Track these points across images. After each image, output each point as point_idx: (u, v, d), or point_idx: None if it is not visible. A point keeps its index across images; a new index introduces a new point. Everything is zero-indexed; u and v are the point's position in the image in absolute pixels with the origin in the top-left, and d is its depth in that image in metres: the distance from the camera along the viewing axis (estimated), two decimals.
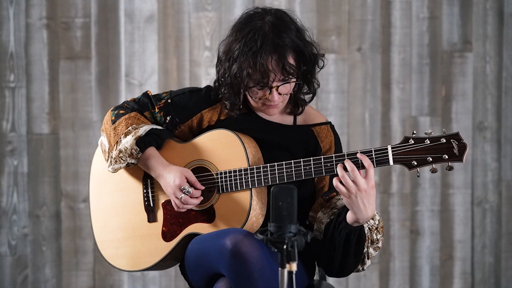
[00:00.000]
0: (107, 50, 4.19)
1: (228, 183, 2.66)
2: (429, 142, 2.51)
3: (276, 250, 2.11)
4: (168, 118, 2.77)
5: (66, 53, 4.18)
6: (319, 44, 2.71)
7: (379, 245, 2.65)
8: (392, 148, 2.53)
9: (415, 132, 2.54)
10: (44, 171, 4.19)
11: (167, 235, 2.73)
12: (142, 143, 2.70)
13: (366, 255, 2.65)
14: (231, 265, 2.49)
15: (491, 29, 4.24)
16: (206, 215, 2.69)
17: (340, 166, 2.52)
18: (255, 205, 2.63)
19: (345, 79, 4.23)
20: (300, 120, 2.78)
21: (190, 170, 2.69)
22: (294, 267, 2.10)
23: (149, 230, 2.76)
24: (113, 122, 2.75)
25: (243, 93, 2.66)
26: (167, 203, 2.74)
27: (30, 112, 4.18)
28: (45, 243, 4.21)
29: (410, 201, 4.27)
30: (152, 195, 2.76)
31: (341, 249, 2.61)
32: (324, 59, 2.72)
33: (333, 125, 2.79)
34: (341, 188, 2.52)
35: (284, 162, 2.61)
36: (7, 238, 4.21)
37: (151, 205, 2.77)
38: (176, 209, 2.68)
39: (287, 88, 2.65)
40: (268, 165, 2.62)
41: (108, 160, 2.75)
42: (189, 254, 2.69)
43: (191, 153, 2.73)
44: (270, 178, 2.62)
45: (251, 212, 2.62)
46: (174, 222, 2.72)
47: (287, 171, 2.61)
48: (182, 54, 4.20)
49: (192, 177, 2.67)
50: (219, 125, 2.75)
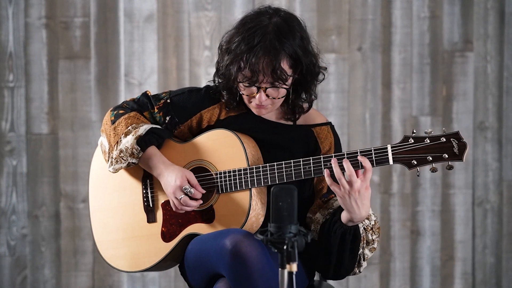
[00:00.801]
0: (107, 49, 4.18)
1: (227, 183, 2.65)
2: (429, 141, 2.51)
3: (276, 250, 2.11)
4: (167, 118, 2.76)
5: (65, 52, 4.17)
6: (322, 58, 2.68)
7: (375, 245, 2.65)
8: (391, 147, 2.53)
9: (415, 131, 2.53)
10: (43, 171, 4.18)
11: (166, 236, 2.72)
12: (142, 142, 2.69)
13: (361, 257, 2.64)
14: (231, 265, 2.49)
15: (492, 28, 4.23)
16: (205, 215, 2.68)
17: (334, 161, 2.51)
18: (254, 205, 2.62)
19: (345, 79, 4.22)
20: (300, 120, 2.76)
21: (190, 171, 2.68)
22: (294, 267, 2.09)
23: (148, 230, 2.75)
24: (113, 122, 2.74)
25: (234, 86, 2.65)
26: (167, 204, 2.73)
27: (29, 112, 4.17)
28: (44, 243, 4.20)
29: (410, 201, 4.26)
30: (151, 196, 2.76)
31: (336, 248, 2.61)
32: (325, 72, 2.70)
33: (333, 126, 2.78)
34: (335, 187, 2.52)
35: (283, 162, 2.60)
36: (6, 238, 4.20)
37: (151, 205, 2.76)
38: (174, 209, 2.67)
39: (277, 92, 2.62)
40: (267, 165, 2.62)
41: (108, 160, 2.74)
42: (188, 254, 2.68)
43: (190, 153, 2.72)
44: (269, 178, 2.61)
45: (251, 212, 2.61)
46: (173, 222, 2.71)
47: (286, 171, 2.60)
48: (181, 53, 4.19)
49: (194, 180, 2.66)
50: (218, 125, 2.74)
